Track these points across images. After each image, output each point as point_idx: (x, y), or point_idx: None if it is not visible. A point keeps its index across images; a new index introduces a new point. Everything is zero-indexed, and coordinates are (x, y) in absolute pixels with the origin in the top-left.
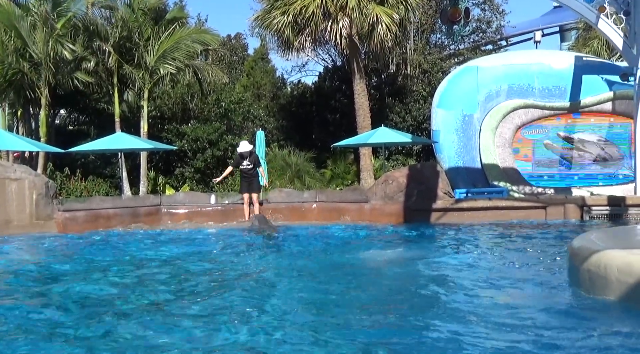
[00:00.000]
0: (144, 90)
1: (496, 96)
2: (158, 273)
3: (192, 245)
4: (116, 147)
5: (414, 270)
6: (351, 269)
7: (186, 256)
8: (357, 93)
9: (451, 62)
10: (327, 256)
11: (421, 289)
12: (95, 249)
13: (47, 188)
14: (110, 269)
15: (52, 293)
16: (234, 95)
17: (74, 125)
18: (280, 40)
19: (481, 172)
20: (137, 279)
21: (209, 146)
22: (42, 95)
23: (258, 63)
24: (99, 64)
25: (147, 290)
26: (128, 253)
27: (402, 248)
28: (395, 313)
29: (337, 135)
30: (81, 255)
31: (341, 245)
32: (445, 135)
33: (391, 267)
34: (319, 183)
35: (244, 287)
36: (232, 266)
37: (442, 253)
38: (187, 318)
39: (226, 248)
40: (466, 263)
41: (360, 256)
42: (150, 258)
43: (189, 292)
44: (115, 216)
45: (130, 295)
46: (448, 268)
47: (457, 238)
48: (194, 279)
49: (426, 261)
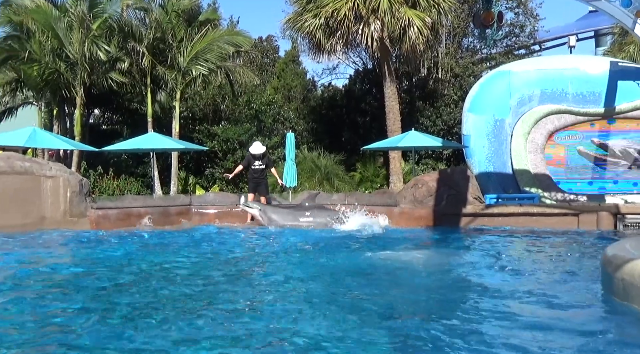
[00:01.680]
0: (176, 90)
1: (529, 101)
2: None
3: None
4: (148, 146)
5: (444, 275)
6: (377, 272)
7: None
8: (388, 97)
9: (483, 66)
10: (357, 259)
11: (451, 293)
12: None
13: (81, 186)
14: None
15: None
16: (264, 97)
17: (107, 124)
18: (312, 42)
19: (512, 177)
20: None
21: (239, 147)
22: (77, 94)
23: (289, 66)
24: (132, 65)
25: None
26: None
27: (430, 252)
28: (422, 314)
29: (367, 138)
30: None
31: (369, 248)
32: (476, 140)
33: (420, 272)
34: (348, 186)
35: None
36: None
37: (471, 258)
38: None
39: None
40: (496, 268)
41: (388, 259)
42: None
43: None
44: (146, 215)
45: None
46: (477, 274)
47: (486, 244)
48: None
49: (455, 266)
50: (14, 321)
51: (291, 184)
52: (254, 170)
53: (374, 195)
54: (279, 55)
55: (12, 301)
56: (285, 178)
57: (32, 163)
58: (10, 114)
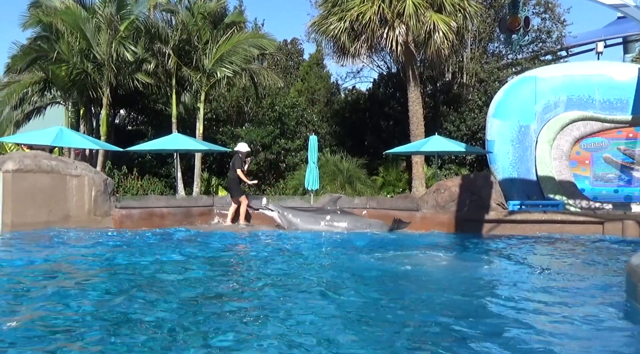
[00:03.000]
0: (200, 92)
1: (554, 107)
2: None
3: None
4: (172, 147)
5: (464, 282)
6: (398, 279)
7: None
8: (412, 101)
9: (509, 72)
10: (380, 263)
11: (474, 298)
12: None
13: (105, 186)
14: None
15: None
16: (288, 100)
17: (132, 124)
18: (336, 46)
19: (536, 184)
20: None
21: (262, 149)
22: (104, 95)
23: (313, 69)
24: (158, 66)
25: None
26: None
27: (451, 259)
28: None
29: (389, 142)
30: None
31: (393, 252)
32: (500, 146)
33: (443, 277)
34: (370, 189)
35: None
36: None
37: (493, 266)
38: None
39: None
40: (519, 277)
41: (412, 265)
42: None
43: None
44: (169, 215)
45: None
46: (499, 280)
47: (509, 252)
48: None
49: (476, 274)
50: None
51: (313, 187)
52: (243, 173)
53: (396, 200)
54: (304, 58)
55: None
56: (307, 181)
57: (58, 162)
58: (38, 113)
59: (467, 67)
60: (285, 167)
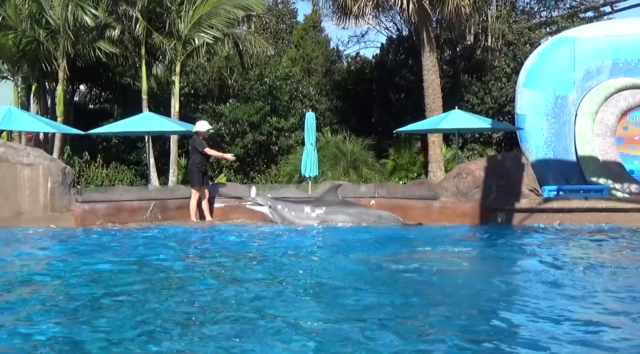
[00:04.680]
0: (175, 63)
1: (597, 74)
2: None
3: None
4: (143, 128)
5: (494, 286)
6: (419, 285)
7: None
8: (427, 69)
9: (542, 32)
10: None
11: (515, 314)
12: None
13: (64, 176)
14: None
15: None
16: (280, 70)
17: (95, 102)
18: (336, 4)
19: (576, 165)
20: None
21: (249, 129)
22: (60, 67)
23: (309, 33)
24: (124, 32)
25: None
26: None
27: (477, 256)
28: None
29: (401, 119)
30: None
31: (408, 249)
32: (533, 121)
33: (465, 282)
34: (379, 175)
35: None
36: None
37: (526, 264)
38: None
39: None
40: (559, 277)
41: (430, 268)
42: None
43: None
44: (141, 209)
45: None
46: (542, 284)
47: (545, 246)
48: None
49: (506, 274)
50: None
51: (311, 173)
52: (206, 156)
53: (410, 187)
54: (297, 21)
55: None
56: (304, 167)
57: (6, 149)
58: None
59: (492, 27)
60: (278, 150)
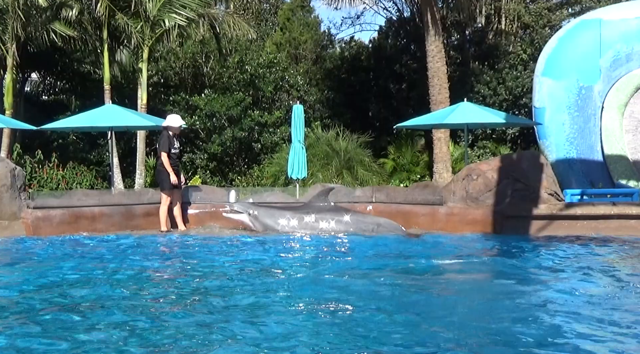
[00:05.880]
0: (142, 48)
1: (626, 61)
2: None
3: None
4: (105, 123)
5: (511, 308)
6: (422, 307)
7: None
8: (432, 56)
9: (563, 14)
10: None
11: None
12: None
13: (13, 178)
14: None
15: None
16: (263, 57)
17: (49, 93)
18: None
19: (602, 166)
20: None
21: (228, 124)
22: (8, 53)
23: (296, 14)
24: (83, 13)
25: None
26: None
27: (490, 271)
28: None
29: (402, 113)
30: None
31: (411, 265)
32: (553, 115)
33: (479, 300)
34: (377, 177)
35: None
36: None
37: (553, 283)
38: None
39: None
40: (586, 296)
41: (433, 287)
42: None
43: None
44: (103, 216)
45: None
46: (555, 304)
47: (568, 259)
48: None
49: (532, 296)
50: None
51: (299, 175)
52: (174, 155)
53: (412, 190)
54: (283, 0)
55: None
56: (290, 167)
57: None
58: None
59: (506, 8)
60: (261, 148)
